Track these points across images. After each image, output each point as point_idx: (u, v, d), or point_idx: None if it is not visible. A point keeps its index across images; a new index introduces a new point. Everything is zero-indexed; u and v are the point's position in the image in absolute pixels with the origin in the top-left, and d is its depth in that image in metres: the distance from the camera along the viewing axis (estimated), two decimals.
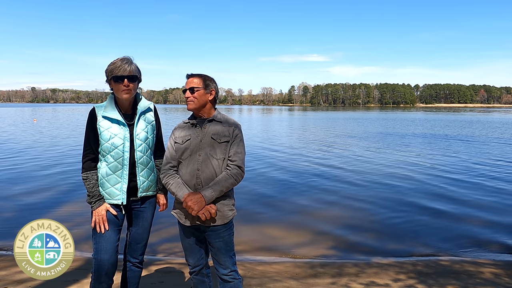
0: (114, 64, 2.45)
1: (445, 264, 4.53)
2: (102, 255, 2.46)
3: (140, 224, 2.66)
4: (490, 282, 3.90)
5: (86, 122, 2.52)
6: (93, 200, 2.47)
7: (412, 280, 3.93)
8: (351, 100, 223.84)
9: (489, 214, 6.62)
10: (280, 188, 8.57)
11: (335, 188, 8.57)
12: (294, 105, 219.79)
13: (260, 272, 4.13)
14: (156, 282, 3.72)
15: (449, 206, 7.07)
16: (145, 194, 2.62)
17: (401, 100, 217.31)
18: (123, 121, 2.52)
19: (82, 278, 3.72)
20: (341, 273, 4.13)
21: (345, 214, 6.64)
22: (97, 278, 2.48)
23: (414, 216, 6.50)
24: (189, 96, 2.47)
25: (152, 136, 2.65)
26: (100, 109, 2.52)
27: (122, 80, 2.44)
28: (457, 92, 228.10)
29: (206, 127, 2.48)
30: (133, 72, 2.47)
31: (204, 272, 2.68)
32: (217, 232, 2.47)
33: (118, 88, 2.47)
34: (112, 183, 2.50)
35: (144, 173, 2.59)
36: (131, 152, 2.53)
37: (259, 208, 6.94)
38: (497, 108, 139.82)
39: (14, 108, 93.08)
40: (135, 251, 2.69)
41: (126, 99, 2.51)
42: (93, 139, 2.49)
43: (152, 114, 2.69)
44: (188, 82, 2.50)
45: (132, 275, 2.71)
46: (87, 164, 2.50)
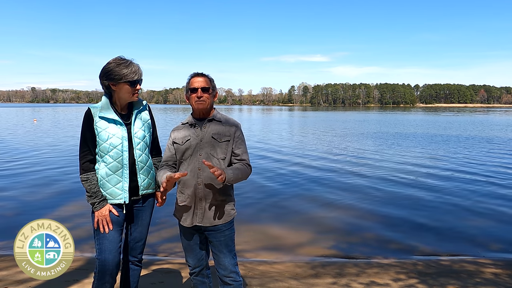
0: (130, 68, 2.48)
1: (445, 264, 4.52)
2: (107, 255, 2.45)
3: (139, 222, 2.66)
4: (490, 281, 3.89)
5: (82, 123, 2.51)
6: (96, 200, 2.46)
7: (413, 279, 3.92)
8: (351, 100, 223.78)
9: (489, 214, 6.62)
10: (280, 188, 8.57)
11: (336, 188, 8.57)
12: (294, 105, 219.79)
13: (261, 272, 4.13)
14: (156, 282, 3.72)
15: (449, 206, 7.07)
16: (146, 192, 2.63)
17: (401, 100, 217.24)
18: (120, 121, 2.52)
19: (83, 278, 3.72)
20: (342, 273, 4.13)
21: (346, 214, 6.64)
22: (100, 278, 2.48)
23: (414, 216, 6.49)
24: (201, 95, 2.44)
25: (149, 135, 2.68)
26: (96, 109, 2.51)
27: (135, 84, 2.52)
28: (457, 92, 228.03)
29: (206, 127, 2.48)
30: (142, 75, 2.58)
31: (205, 273, 2.67)
32: (219, 231, 2.47)
33: (130, 91, 2.52)
34: (113, 183, 2.50)
35: (144, 171, 2.60)
36: (130, 151, 2.53)
37: (260, 208, 6.93)
38: (497, 108, 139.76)
39: (14, 108, 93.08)
40: (135, 250, 2.69)
41: (135, 100, 2.60)
42: (90, 140, 2.49)
43: (147, 112, 2.71)
44: (198, 81, 2.46)
45: (132, 274, 2.71)
46: (86, 165, 2.49)
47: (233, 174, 2.32)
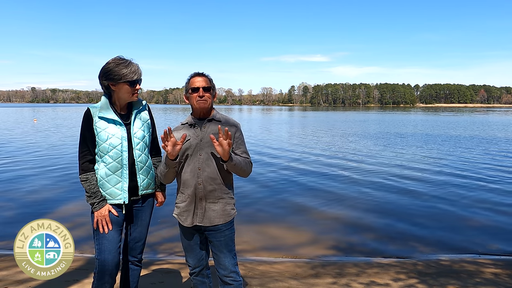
0: (129, 68, 2.47)
1: (445, 264, 4.52)
2: (106, 255, 2.45)
3: (139, 222, 2.66)
4: (491, 281, 3.89)
5: (82, 123, 2.51)
6: (95, 200, 2.45)
7: (413, 279, 3.92)
8: (351, 100, 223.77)
9: (489, 214, 6.62)
10: (280, 188, 8.57)
11: (336, 188, 8.57)
12: (294, 105, 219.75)
13: (261, 272, 4.13)
14: (156, 282, 3.72)
15: (449, 206, 7.07)
16: (145, 192, 2.63)
17: (401, 100, 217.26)
18: (119, 121, 2.52)
19: (83, 278, 3.72)
20: (342, 273, 4.13)
21: (346, 214, 6.64)
22: (100, 279, 2.48)
23: (414, 216, 6.49)
24: (203, 95, 2.44)
25: (148, 135, 2.67)
26: (95, 109, 2.51)
27: (135, 84, 2.51)
28: (457, 92, 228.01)
29: (206, 127, 2.48)
30: (141, 74, 2.57)
31: (205, 273, 2.66)
32: (219, 231, 2.47)
33: (129, 91, 2.51)
34: (113, 184, 2.50)
35: (143, 171, 2.60)
36: (129, 151, 2.53)
37: (260, 208, 6.93)
38: (497, 108, 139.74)
39: (14, 108, 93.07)
40: (135, 250, 2.69)
41: (135, 100, 2.59)
42: (90, 140, 2.48)
43: (147, 112, 2.71)
44: (199, 81, 2.46)
45: (131, 274, 2.71)
46: (85, 166, 2.49)
47: (236, 159, 2.35)
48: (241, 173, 2.43)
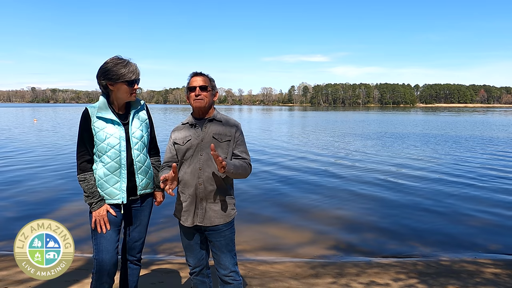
0: (127, 67, 2.47)
1: (445, 264, 4.52)
2: (104, 255, 2.45)
3: (138, 222, 2.66)
4: (491, 281, 3.89)
5: (80, 123, 2.50)
6: (93, 200, 2.46)
7: (413, 279, 3.92)
8: (351, 100, 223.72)
9: (489, 214, 6.62)
10: (280, 188, 8.56)
11: (336, 188, 8.56)
12: (294, 105, 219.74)
13: (261, 272, 4.13)
14: (156, 282, 3.72)
15: (449, 206, 7.07)
16: (144, 191, 2.63)
17: (401, 100, 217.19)
18: (117, 121, 2.52)
19: (82, 278, 3.72)
20: (342, 273, 4.12)
21: (346, 214, 6.63)
22: (98, 279, 2.48)
23: (415, 216, 6.49)
24: (199, 94, 2.44)
25: (147, 134, 2.67)
26: (93, 109, 2.51)
27: (133, 84, 2.50)
28: (457, 92, 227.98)
29: (207, 127, 2.48)
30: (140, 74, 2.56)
31: (205, 272, 2.67)
32: (219, 231, 2.47)
33: (128, 91, 2.51)
34: (111, 183, 2.50)
35: (142, 171, 2.60)
36: (128, 151, 2.53)
37: (260, 208, 6.93)
38: (497, 108, 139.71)
39: (14, 108, 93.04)
40: (134, 249, 2.69)
41: (133, 100, 2.59)
42: (88, 140, 2.48)
43: (145, 112, 2.71)
44: (196, 80, 2.47)
45: (130, 273, 2.72)
46: (83, 165, 2.49)
47: (233, 167, 2.32)
48: (239, 177, 2.44)
